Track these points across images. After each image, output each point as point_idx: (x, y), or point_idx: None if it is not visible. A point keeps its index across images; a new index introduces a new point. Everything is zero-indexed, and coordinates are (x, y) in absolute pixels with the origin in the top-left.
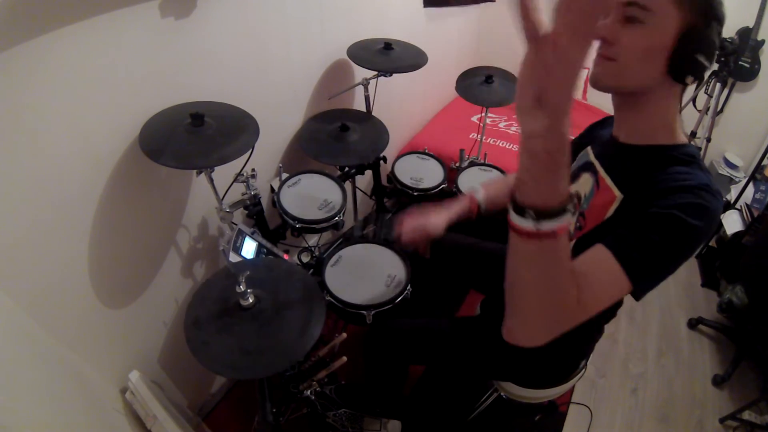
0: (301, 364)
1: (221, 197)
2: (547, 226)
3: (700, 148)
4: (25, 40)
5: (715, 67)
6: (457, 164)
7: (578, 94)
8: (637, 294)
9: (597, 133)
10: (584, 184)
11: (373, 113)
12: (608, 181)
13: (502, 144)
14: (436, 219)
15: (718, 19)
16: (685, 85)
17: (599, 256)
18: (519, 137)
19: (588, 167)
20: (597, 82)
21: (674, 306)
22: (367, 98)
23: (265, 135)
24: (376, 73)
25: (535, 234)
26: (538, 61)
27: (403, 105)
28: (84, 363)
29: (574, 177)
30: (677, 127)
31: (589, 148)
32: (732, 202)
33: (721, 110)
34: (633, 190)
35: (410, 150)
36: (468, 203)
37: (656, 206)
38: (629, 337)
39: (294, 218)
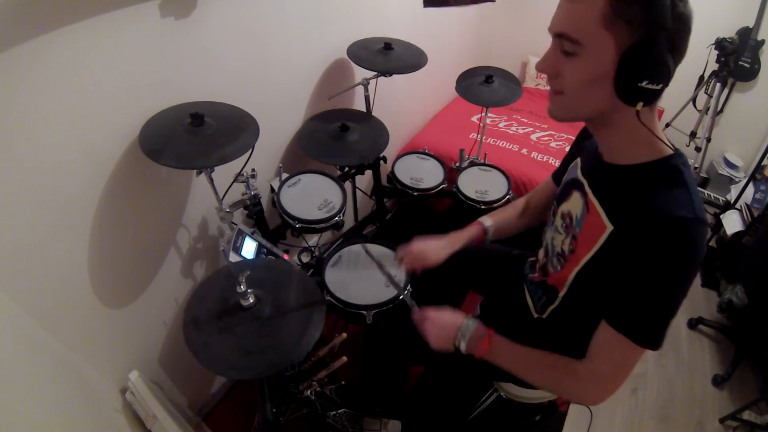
0: (301, 364)
1: (221, 197)
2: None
3: (682, 156)
4: (25, 40)
5: (715, 67)
6: (457, 164)
7: None
8: (656, 348)
9: (586, 143)
10: (575, 203)
11: (373, 113)
12: (597, 205)
13: (502, 144)
14: (438, 250)
15: (663, 25)
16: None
17: (609, 339)
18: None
19: (577, 185)
20: (553, 116)
21: None
22: (367, 98)
23: (265, 135)
24: (376, 73)
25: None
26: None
27: (404, 105)
28: (84, 363)
29: (566, 194)
30: (659, 139)
31: (578, 161)
32: (732, 202)
33: (721, 110)
34: (622, 223)
35: (410, 150)
36: (476, 233)
37: (644, 266)
38: None
39: (294, 218)
